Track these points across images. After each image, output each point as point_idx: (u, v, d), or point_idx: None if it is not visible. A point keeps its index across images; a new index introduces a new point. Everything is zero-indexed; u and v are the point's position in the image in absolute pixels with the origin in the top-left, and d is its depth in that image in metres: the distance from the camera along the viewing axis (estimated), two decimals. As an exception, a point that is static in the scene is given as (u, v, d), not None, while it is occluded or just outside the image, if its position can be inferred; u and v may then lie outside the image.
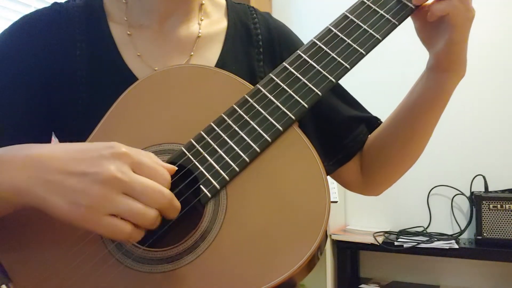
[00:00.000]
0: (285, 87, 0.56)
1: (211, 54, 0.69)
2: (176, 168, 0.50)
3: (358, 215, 2.19)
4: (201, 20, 0.71)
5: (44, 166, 0.47)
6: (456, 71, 0.63)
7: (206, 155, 0.54)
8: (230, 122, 0.55)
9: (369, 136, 0.76)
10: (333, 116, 0.74)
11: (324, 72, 0.56)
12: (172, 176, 0.49)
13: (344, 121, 0.75)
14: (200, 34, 0.70)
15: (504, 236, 1.82)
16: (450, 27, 0.57)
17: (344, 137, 0.74)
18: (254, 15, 0.76)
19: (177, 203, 0.48)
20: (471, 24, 0.58)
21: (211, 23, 0.72)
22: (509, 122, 2.02)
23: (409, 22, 0.62)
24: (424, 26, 0.62)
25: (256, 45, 0.72)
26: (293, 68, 0.57)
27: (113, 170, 0.45)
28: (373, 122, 0.77)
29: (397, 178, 0.76)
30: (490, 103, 2.06)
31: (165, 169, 0.48)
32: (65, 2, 0.70)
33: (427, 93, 0.66)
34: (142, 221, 0.45)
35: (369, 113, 0.78)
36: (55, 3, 0.69)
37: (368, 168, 0.75)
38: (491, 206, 1.85)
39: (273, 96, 0.56)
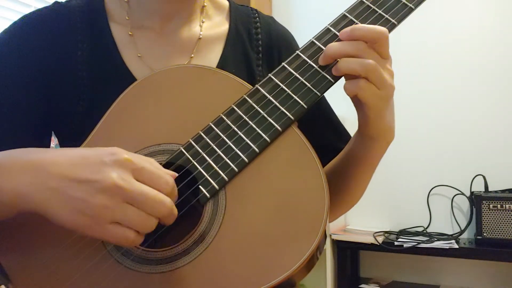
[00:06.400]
0: (284, 87, 0.56)
1: (212, 56, 0.69)
2: (177, 175, 0.50)
3: (358, 215, 2.19)
4: (203, 22, 0.71)
5: (46, 172, 0.46)
6: (378, 139, 0.60)
7: (205, 155, 0.54)
8: (229, 122, 0.55)
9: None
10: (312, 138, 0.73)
11: (323, 73, 0.55)
12: None
13: (322, 146, 0.73)
14: (201, 36, 0.70)
15: (504, 236, 1.82)
16: (362, 105, 0.55)
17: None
18: (257, 18, 0.75)
19: (175, 211, 0.48)
20: (386, 101, 0.55)
21: (212, 26, 0.72)
22: (509, 122, 2.02)
23: (412, 18, 0.60)
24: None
25: (256, 49, 0.72)
26: (292, 68, 0.57)
27: (115, 178, 0.45)
28: None
29: (338, 215, 0.74)
30: (490, 103, 2.05)
31: (168, 175, 0.48)
32: (66, 1, 0.69)
33: (355, 151, 0.65)
34: (143, 229, 0.46)
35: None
36: (56, 3, 0.69)
37: None
38: (491, 206, 1.85)
39: (272, 96, 0.56)
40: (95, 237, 0.46)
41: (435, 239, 1.93)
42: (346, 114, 0.85)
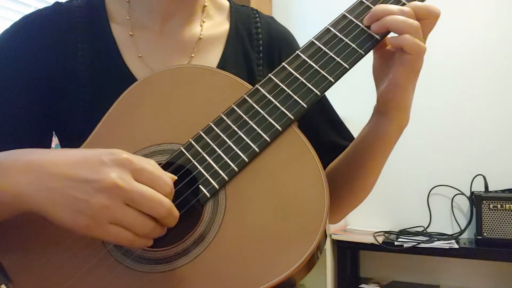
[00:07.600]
0: (284, 87, 0.56)
1: (212, 56, 0.69)
2: (176, 178, 0.50)
3: (358, 215, 2.19)
4: (203, 22, 0.71)
5: (46, 172, 0.46)
6: (395, 117, 0.61)
7: (205, 155, 0.54)
8: (229, 122, 0.55)
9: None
10: (315, 137, 0.72)
11: (323, 72, 0.56)
12: None
13: (325, 145, 0.74)
14: (201, 36, 0.70)
15: (504, 236, 1.82)
16: (397, 64, 0.56)
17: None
18: (257, 18, 0.76)
19: (176, 212, 0.48)
20: (418, 70, 0.57)
21: (213, 26, 0.72)
22: (509, 122, 2.02)
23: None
24: (379, 64, 0.61)
25: (256, 49, 0.73)
26: (292, 68, 0.57)
27: (114, 177, 0.44)
28: None
29: (346, 212, 0.73)
30: (490, 103, 2.06)
31: (167, 175, 0.48)
32: (67, 2, 0.69)
33: (369, 135, 0.65)
34: (140, 231, 0.45)
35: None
36: (56, 3, 0.69)
37: None
38: (491, 206, 1.85)
39: (272, 96, 0.56)
40: (95, 238, 0.46)
41: (435, 239, 1.93)
42: (347, 114, 0.85)
